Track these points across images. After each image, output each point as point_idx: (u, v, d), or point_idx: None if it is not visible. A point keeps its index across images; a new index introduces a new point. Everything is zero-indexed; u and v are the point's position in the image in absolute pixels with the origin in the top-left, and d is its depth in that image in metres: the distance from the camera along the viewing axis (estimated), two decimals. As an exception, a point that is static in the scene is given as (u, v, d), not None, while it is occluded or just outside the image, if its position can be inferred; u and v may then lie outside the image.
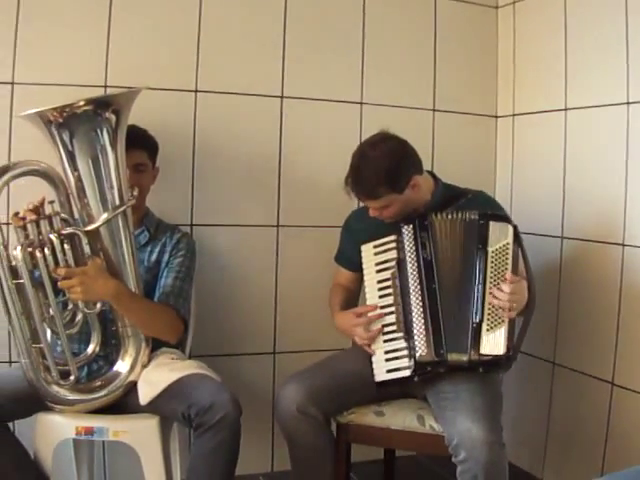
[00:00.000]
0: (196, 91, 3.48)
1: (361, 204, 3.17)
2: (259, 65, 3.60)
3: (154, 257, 3.06)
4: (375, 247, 3.01)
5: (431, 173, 3.15)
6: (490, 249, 2.81)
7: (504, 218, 2.89)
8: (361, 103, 3.77)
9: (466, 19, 3.99)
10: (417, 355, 2.81)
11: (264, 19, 3.61)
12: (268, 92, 3.60)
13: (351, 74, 3.77)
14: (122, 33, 3.38)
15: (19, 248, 2.62)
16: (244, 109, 3.56)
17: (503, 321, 2.75)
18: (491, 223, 2.85)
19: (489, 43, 4.05)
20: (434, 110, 3.93)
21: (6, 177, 2.65)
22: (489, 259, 2.80)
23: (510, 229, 2.84)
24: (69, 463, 3.18)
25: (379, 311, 2.94)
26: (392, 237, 2.96)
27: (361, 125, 3.76)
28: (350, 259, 3.20)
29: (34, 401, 2.77)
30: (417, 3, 3.88)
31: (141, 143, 3.05)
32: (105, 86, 3.35)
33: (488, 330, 2.76)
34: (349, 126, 3.74)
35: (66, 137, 2.67)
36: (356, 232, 3.17)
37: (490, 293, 2.76)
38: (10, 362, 3.30)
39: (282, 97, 3.62)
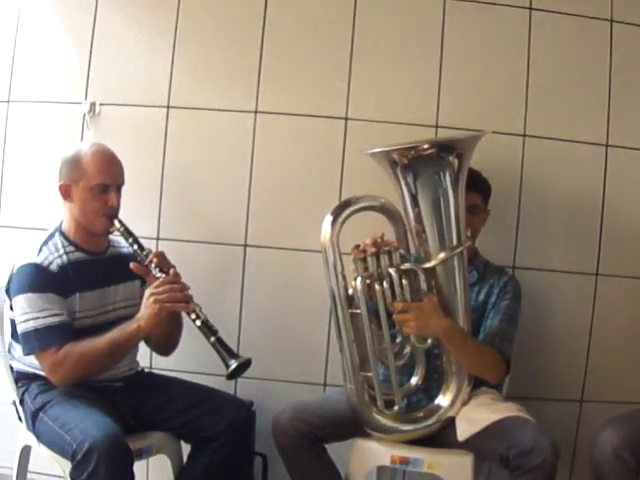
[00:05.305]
0: (524, 135, 3.50)
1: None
2: (585, 111, 3.55)
3: (481, 298, 3.12)
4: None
5: None
6: None
7: None
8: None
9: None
10: None
11: (588, 71, 3.56)
12: (592, 140, 3.54)
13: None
14: (454, 76, 3.50)
15: (359, 279, 2.77)
16: (569, 156, 3.53)
17: None
18: None
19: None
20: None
21: (348, 211, 2.83)
22: None
23: None
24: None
25: None
26: None
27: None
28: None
29: (352, 426, 2.91)
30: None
31: (477, 186, 3.11)
32: (436, 126, 3.47)
33: None
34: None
35: (410, 178, 2.81)
36: None
37: None
38: (324, 385, 3.48)
39: (607, 145, 3.54)
